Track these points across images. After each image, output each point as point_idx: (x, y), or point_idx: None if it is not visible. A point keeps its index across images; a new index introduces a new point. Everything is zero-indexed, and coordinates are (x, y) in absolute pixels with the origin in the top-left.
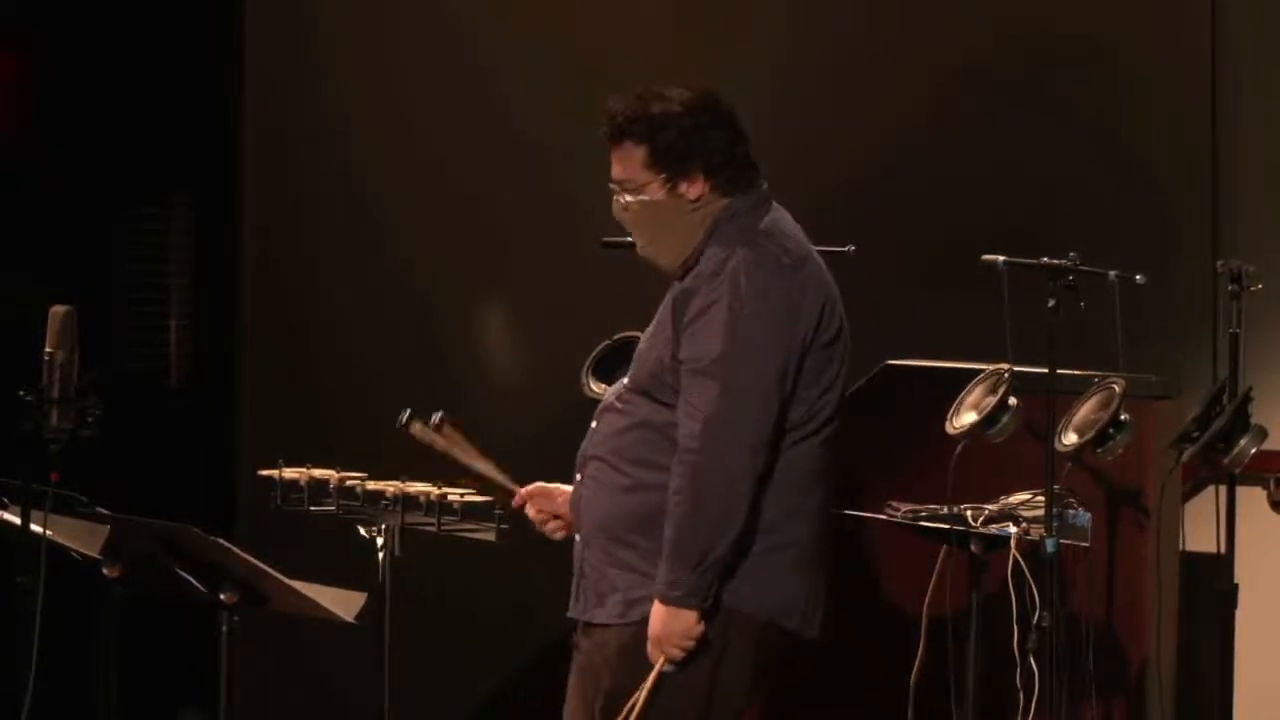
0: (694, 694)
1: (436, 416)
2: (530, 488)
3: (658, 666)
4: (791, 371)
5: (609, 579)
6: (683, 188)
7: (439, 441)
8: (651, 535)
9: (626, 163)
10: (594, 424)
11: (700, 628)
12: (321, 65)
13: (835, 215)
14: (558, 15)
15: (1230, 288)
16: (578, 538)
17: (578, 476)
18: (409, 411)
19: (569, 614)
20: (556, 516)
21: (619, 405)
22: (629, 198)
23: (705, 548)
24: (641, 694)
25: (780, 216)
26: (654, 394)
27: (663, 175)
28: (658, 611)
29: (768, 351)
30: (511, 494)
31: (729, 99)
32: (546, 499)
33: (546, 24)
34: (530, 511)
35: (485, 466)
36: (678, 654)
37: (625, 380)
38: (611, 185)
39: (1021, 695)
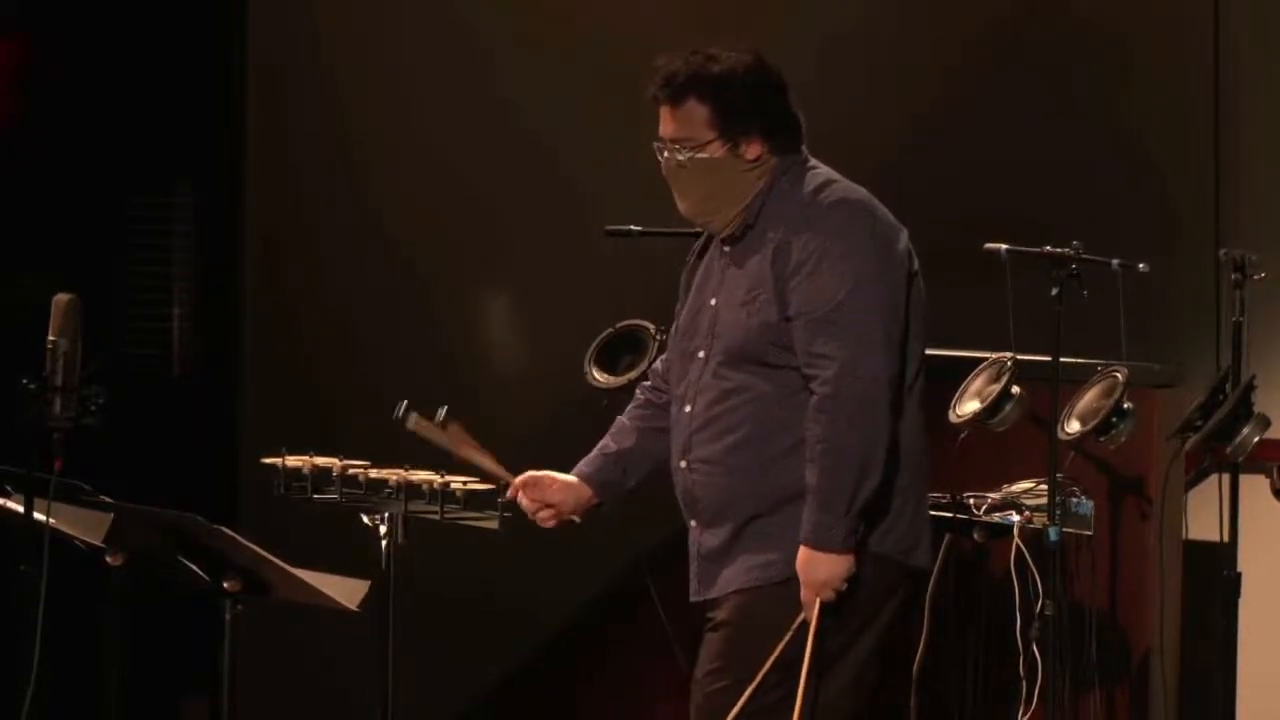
0: (844, 632)
1: (442, 412)
2: (522, 478)
3: (816, 611)
4: (903, 303)
5: (730, 554)
6: (742, 147)
7: (438, 435)
8: (776, 510)
9: (686, 121)
10: (687, 408)
11: (853, 568)
12: (325, 56)
13: None
14: (560, 4)
15: (1233, 276)
16: (693, 524)
17: (681, 464)
18: (405, 404)
19: (692, 599)
20: (548, 505)
21: (714, 383)
22: (685, 155)
23: (854, 490)
24: (809, 640)
25: (826, 170)
26: (765, 359)
27: (724, 134)
28: (811, 558)
29: (882, 288)
30: (507, 485)
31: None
32: (538, 488)
33: (549, 14)
34: (522, 501)
35: (484, 461)
36: (832, 596)
37: (700, 354)
38: (659, 143)
39: (1024, 683)
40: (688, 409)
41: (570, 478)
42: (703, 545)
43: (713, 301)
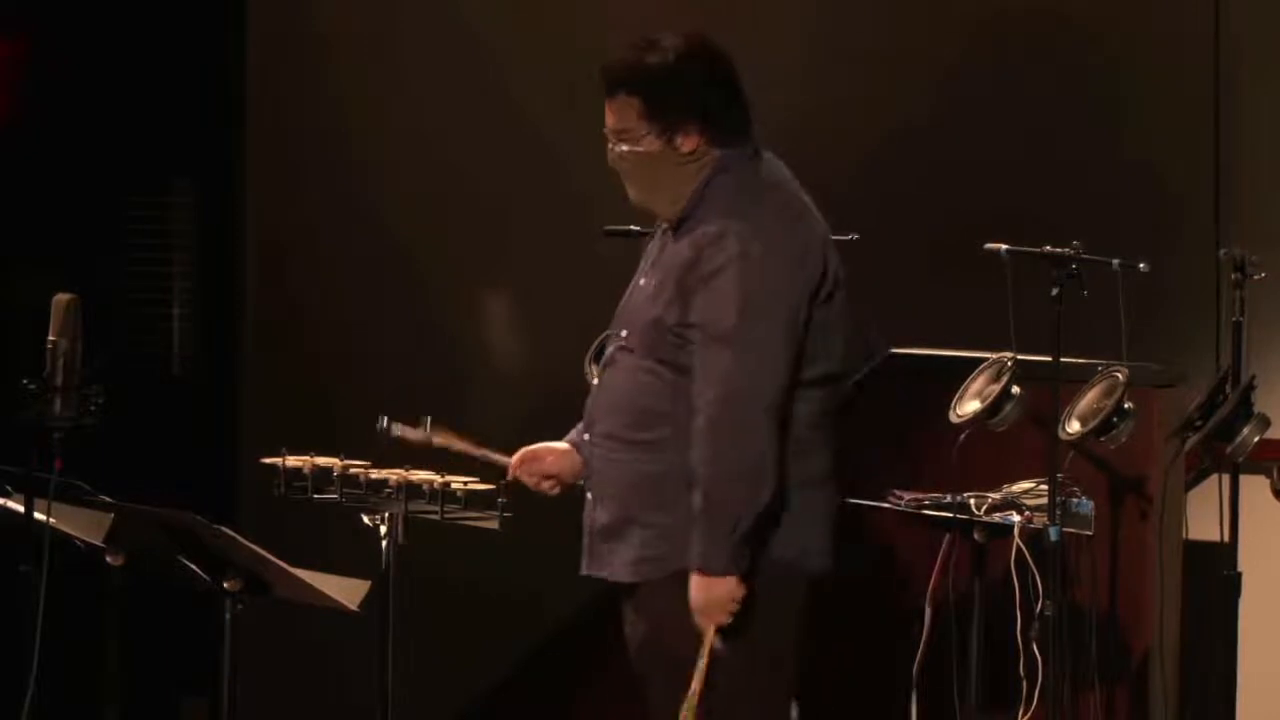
0: (745, 652)
1: (427, 422)
2: (518, 455)
3: (709, 637)
4: (800, 329)
5: (622, 536)
6: (678, 140)
7: (423, 436)
8: (661, 495)
9: (621, 114)
10: (595, 381)
11: (741, 590)
12: (325, 53)
13: (838, 204)
14: (561, 4)
15: (1233, 276)
16: (589, 496)
17: (585, 435)
18: (385, 418)
19: (582, 573)
20: (548, 476)
21: (620, 361)
22: (624, 148)
23: (737, 515)
24: (700, 664)
25: (773, 166)
26: (661, 355)
27: (657, 127)
28: (698, 583)
29: (779, 313)
30: (506, 470)
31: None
32: (535, 462)
33: (550, 13)
34: (523, 477)
35: (477, 451)
36: (725, 620)
37: (623, 333)
38: (606, 134)
39: (1024, 683)
40: (596, 382)
41: (564, 445)
42: (595, 521)
43: (641, 282)
